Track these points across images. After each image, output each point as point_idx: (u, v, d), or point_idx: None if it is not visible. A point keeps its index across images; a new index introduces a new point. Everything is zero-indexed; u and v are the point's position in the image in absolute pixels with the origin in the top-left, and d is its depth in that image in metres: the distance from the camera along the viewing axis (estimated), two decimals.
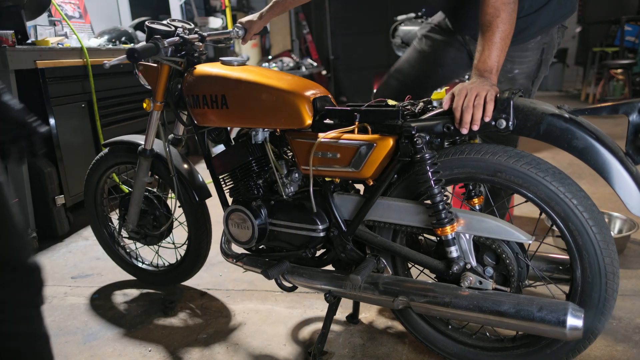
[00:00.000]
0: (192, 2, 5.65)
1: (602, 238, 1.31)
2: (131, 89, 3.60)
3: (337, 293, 1.66)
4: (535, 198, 1.35)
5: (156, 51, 1.67)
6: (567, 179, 1.35)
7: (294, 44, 8.32)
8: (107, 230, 2.38)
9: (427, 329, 1.64)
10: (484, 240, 1.44)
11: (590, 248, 1.31)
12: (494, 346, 1.54)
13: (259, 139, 1.73)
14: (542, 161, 1.37)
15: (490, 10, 1.44)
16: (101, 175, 2.29)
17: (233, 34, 2.04)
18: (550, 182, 1.33)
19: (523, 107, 1.34)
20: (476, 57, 1.47)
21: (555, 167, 1.37)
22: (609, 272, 1.32)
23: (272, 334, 1.90)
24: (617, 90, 7.09)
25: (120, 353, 1.84)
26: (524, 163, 1.36)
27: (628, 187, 1.27)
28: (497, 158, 1.38)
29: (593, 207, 1.33)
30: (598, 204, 1.40)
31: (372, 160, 1.48)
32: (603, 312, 1.34)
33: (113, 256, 2.40)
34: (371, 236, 1.59)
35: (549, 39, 1.77)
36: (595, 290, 1.33)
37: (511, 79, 1.79)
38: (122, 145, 2.18)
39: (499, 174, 1.38)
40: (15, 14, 2.91)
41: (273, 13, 2.07)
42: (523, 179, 1.35)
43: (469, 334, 1.60)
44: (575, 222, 1.32)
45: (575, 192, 1.33)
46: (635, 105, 1.27)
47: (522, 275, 1.46)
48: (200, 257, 2.19)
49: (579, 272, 1.35)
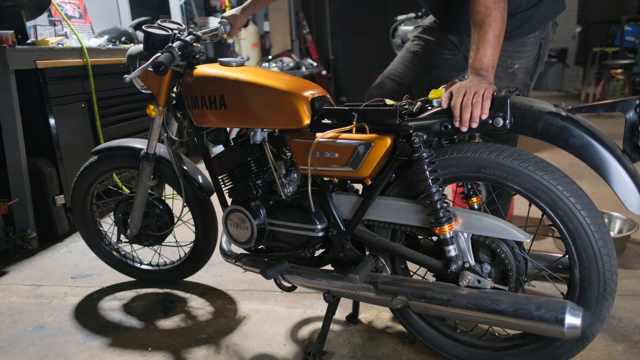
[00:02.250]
0: (192, 2, 5.65)
1: (593, 221, 1.31)
2: (131, 89, 3.54)
3: (335, 293, 1.66)
4: (522, 189, 1.36)
5: (174, 59, 1.67)
6: (550, 167, 1.35)
7: (294, 44, 8.31)
8: (103, 242, 2.36)
9: (429, 330, 1.64)
10: (482, 239, 1.44)
11: (582, 232, 1.31)
12: (502, 345, 1.53)
13: (258, 139, 1.73)
14: (523, 152, 1.38)
15: (482, 9, 1.45)
16: (90, 185, 2.25)
17: (220, 30, 2.03)
18: (533, 172, 1.34)
19: (520, 106, 1.34)
20: (471, 57, 1.47)
21: (538, 157, 1.38)
22: (604, 255, 1.31)
23: (272, 334, 1.90)
24: (617, 90, 7.09)
25: (120, 353, 1.84)
26: (505, 156, 1.37)
27: (626, 185, 1.26)
28: (479, 154, 1.40)
29: (579, 192, 1.33)
30: (598, 204, 1.41)
31: (369, 159, 1.48)
32: (604, 295, 1.33)
33: (108, 261, 2.39)
34: (370, 236, 1.59)
35: (546, 34, 1.79)
36: (593, 275, 1.32)
37: (511, 74, 1.80)
38: (116, 151, 2.16)
39: (482, 169, 1.40)
40: (15, 14, 2.92)
41: (255, 6, 2.08)
42: (507, 172, 1.36)
43: (477, 335, 1.60)
44: (563, 207, 1.32)
45: (560, 179, 1.33)
46: (632, 103, 1.27)
47: (521, 273, 1.46)
48: (208, 253, 2.21)
49: (575, 258, 1.34)
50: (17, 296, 2.33)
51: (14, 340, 1.95)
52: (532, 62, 1.81)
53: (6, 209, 2.79)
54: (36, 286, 2.42)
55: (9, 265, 2.69)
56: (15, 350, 1.89)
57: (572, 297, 1.38)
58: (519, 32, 1.71)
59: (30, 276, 2.54)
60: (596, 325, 1.36)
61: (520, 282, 1.47)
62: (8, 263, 2.71)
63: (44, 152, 2.94)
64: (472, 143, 1.45)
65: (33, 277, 2.53)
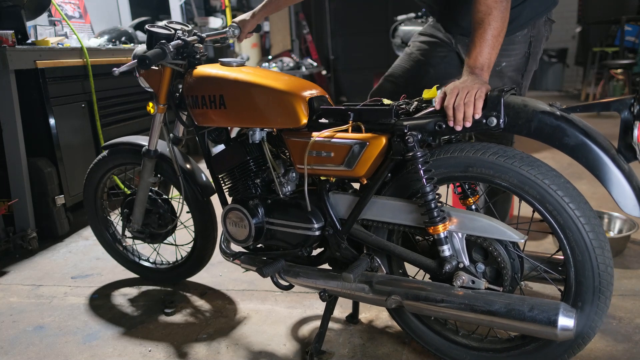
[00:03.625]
0: (192, 2, 5.66)
1: (582, 213, 1.31)
2: (131, 89, 3.61)
3: (331, 292, 1.67)
4: (510, 185, 1.36)
5: (164, 56, 1.70)
6: (537, 161, 1.36)
7: (294, 44, 8.32)
8: (108, 232, 2.40)
9: (427, 332, 1.64)
10: (476, 240, 1.44)
11: (572, 225, 1.31)
12: (504, 347, 1.52)
13: (257, 139, 1.74)
14: (508, 149, 1.39)
15: (482, 8, 1.45)
16: (102, 177, 2.30)
17: (229, 34, 2.07)
18: (519, 167, 1.34)
19: (514, 105, 1.35)
20: (468, 54, 1.48)
21: (523, 152, 1.39)
22: (596, 247, 1.31)
23: (272, 334, 1.91)
24: (617, 90, 7.08)
25: (120, 353, 1.85)
26: (491, 153, 1.38)
27: (620, 186, 1.27)
28: (465, 153, 1.41)
29: (567, 185, 1.33)
30: (598, 204, 1.41)
31: (364, 159, 1.49)
32: (600, 289, 1.33)
33: (116, 256, 2.42)
34: (365, 235, 1.60)
35: (536, 32, 1.78)
36: (587, 269, 1.32)
37: (499, 72, 1.80)
38: (123, 147, 2.20)
39: (470, 168, 1.41)
40: (15, 14, 2.93)
41: (266, 11, 2.10)
42: (494, 169, 1.37)
43: (479, 338, 1.59)
44: (552, 201, 1.32)
45: (546, 173, 1.33)
46: (627, 102, 1.27)
47: (516, 273, 1.46)
48: (207, 255, 2.22)
49: (568, 251, 1.34)
50: (17, 296, 2.34)
51: (14, 340, 1.96)
52: (522, 60, 1.81)
53: (6, 209, 2.80)
54: (36, 286, 2.43)
55: (9, 265, 2.70)
56: (15, 350, 1.90)
57: (568, 294, 1.38)
58: (507, 30, 1.70)
59: (30, 276, 2.55)
60: (595, 321, 1.36)
61: (517, 281, 1.46)
62: (8, 263, 2.72)
63: (44, 152, 2.95)
64: (459, 143, 1.46)
65: (33, 277, 2.54)
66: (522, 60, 1.81)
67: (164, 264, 2.36)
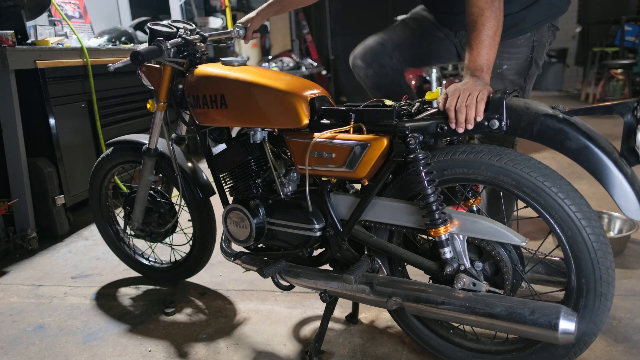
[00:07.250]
0: (192, 2, 5.65)
1: (578, 209, 1.30)
2: (131, 89, 3.61)
3: (332, 293, 1.67)
4: (503, 184, 1.36)
5: (159, 53, 1.70)
6: (505, 150, 1.37)
7: (294, 44, 8.32)
8: (112, 228, 2.41)
9: (426, 332, 1.64)
10: (478, 242, 1.44)
11: (566, 218, 1.30)
12: (508, 348, 1.52)
13: (258, 139, 1.74)
14: (477, 145, 1.41)
15: (475, 10, 1.45)
16: (106, 174, 2.32)
17: (234, 34, 2.07)
18: (488, 159, 1.36)
19: (516, 108, 1.34)
20: (466, 57, 1.48)
21: (491, 145, 1.41)
22: (594, 242, 1.30)
23: (272, 334, 1.91)
24: (617, 90, 7.09)
25: (120, 353, 1.85)
26: (460, 152, 1.41)
27: (623, 189, 1.26)
28: (437, 158, 1.45)
29: (561, 180, 1.33)
30: (598, 204, 1.41)
31: (366, 160, 1.48)
32: (601, 283, 1.32)
33: (118, 253, 2.43)
34: (366, 236, 1.60)
35: (539, 37, 1.78)
36: (586, 262, 1.31)
37: (500, 74, 1.81)
38: (126, 145, 2.21)
39: (445, 171, 1.43)
40: (15, 14, 2.92)
41: (270, 11, 2.10)
42: (466, 167, 1.40)
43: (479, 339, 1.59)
44: (544, 195, 1.32)
45: (534, 167, 1.33)
46: (630, 106, 1.26)
47: (517, 276, 1.46)
48: (205, 255, 2.22)
49: (567, 247, 1.33)
50: (17, 296, 2.34)
51: (14, 340, 1.96)
52: (524, 64, 1.81)
53: (6, 209, 2.80)
54: (36, 286, 2.43)
55: (9, 265, 2.70)
56: (15, 350, 1.89)
57: (569, 297, 1.37)
58: (508, 34, 1.70)
59: (30, 276, 2.55)
60: (597, 323, 1.35)
61: (520, 280, 1.46)
62: (8, 263, 2.72)
63: (44, 152, 2.95)
64: (453, 145, 1.48)
65: (33, 277, 2.54)
66: (525, 64, 1.81)
67: (165, 263, 2.36)
